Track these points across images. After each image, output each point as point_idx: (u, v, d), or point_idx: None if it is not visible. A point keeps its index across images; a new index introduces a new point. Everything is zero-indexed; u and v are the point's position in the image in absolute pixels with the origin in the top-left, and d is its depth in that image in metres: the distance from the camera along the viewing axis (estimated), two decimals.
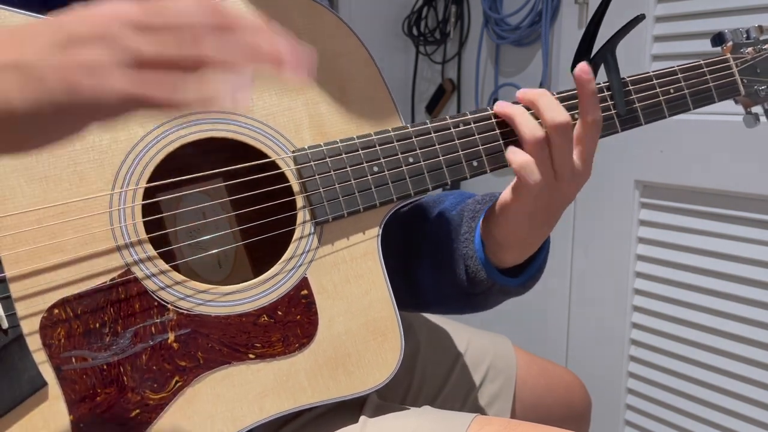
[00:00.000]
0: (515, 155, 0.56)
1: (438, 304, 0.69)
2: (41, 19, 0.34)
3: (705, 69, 0.67)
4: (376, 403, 0.59)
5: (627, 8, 0.83)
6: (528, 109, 0.58)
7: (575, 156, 0.58)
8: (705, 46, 1.18)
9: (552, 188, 0.57)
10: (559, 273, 1.51)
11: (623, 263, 1.36)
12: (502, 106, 0.58)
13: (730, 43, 0.70)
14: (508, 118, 0.58)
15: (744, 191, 1.17)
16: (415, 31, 1.82)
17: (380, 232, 0.56)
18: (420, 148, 0.57)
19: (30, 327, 0.44)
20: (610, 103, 0.63)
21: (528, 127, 0.56)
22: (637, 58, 1.27)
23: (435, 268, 0.65)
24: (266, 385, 0.51)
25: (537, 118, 0.57)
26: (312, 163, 0.54)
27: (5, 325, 0.43)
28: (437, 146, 0.58)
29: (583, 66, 0.57)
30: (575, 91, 0.59)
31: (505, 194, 0.59)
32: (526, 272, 0.64)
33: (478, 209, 0.63)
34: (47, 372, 0.44)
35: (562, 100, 0.60)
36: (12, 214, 0.45)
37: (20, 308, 0.44)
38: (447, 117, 0.59)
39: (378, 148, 0.56)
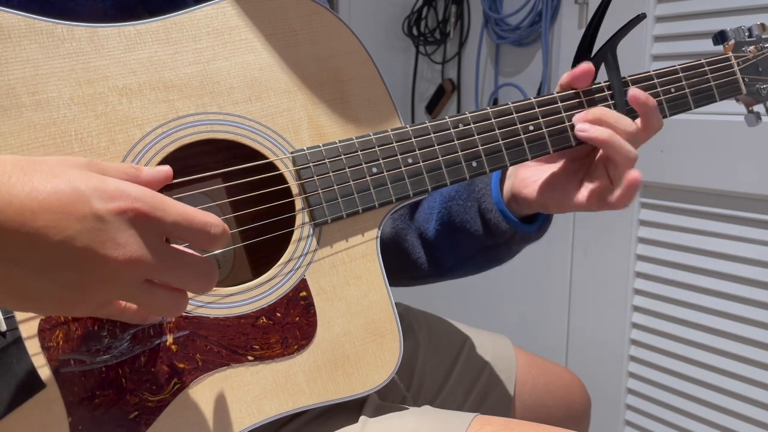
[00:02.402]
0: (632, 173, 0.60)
1: (459, 268, 0.71)
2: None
3: (706, 68, 0.67)
4: (376, 403, 0.59)
5: (627, 8, 0.83)
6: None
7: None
8: (705, 46, 1.18)
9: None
10: (559, 273, 1.51)
11: (623, 263, 1.36)
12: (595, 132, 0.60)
13: (731, 42, 0.70)
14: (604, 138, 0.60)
15: (744, 191, 1.17)
16: (415, 31, 1.82)
17: (379, 234, 0.56)
18: (419, 149, 0.57)
19: (28, 330, 0.44)
20: (610, 102, 0.63)
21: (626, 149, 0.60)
22: (637, 58, 1.27)
23: (452, 230, 0.68)
24: (265, 386, 0.50)
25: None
26: (311, 164, 0.53)
27: (3, 328, 0.43)
28: (436, 147, 0.57)
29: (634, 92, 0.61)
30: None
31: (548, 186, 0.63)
32: (539, 218, 0.67)
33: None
34: (46, 375, 0.44)
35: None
36: None
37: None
38: (446, 117, 0.58)
39: (377, 148, 0.56)
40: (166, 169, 0.44)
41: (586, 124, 0.60)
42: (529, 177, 0.64)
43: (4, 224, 0.34)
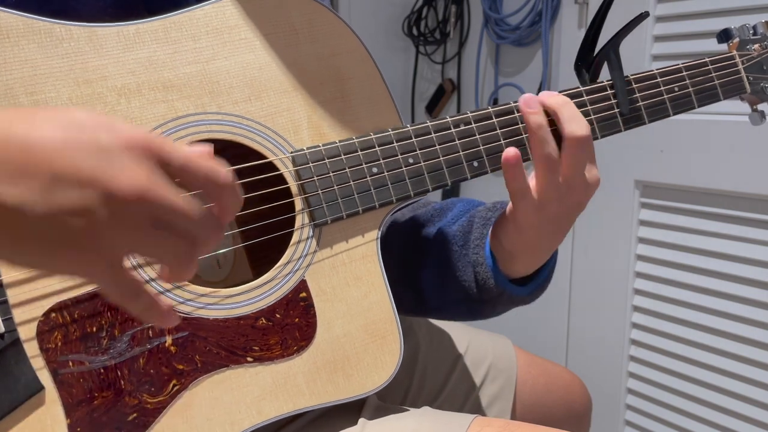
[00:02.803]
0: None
1: (442, 310, 0.69)
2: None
3: (710, 66, 0.67)
4: (375, 405, 0.59)
5: (628, 8, 0.83)
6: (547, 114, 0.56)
7: (587, 169, 0.57)
8: (705, 45, 1.18)
9: (561, 200, 0.56)
10: (559, 273, 1.50)
11: (623, 263, 1.36)
12: (530, 106, 0.56)
13: (736, 40, 0.69)
14: (532, 124, 0.55)
15: (744, 191, 1.17)
16: (415, 31, 1.82)
17: (379, 234, 0.56)
18: (420, 149, 0.57)
19: (27, 331, 0.44)
20: (613, 101, 0.63)
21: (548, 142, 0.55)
22: (637, 58, 1.26)
23: (442, 273, 0.65)
24: (264, 388, 0.50)
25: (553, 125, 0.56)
26: (311, 164, 0.53)
27: (2, 329, 0.43)
28: (437, 146, 0.57)
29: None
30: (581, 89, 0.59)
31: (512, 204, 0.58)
32: (533, 281, 0.63)
33: (489, 216, 0.63)
34: (44, 376, 0.44)
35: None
36: None
37: (17, 313, 0.44)
38: (447, 117, 0.58)
39: (377, 148, 0.55)
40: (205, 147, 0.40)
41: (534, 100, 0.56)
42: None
43: (5, 160, 0.32)
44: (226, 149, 0.52)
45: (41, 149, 0.32)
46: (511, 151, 0.55)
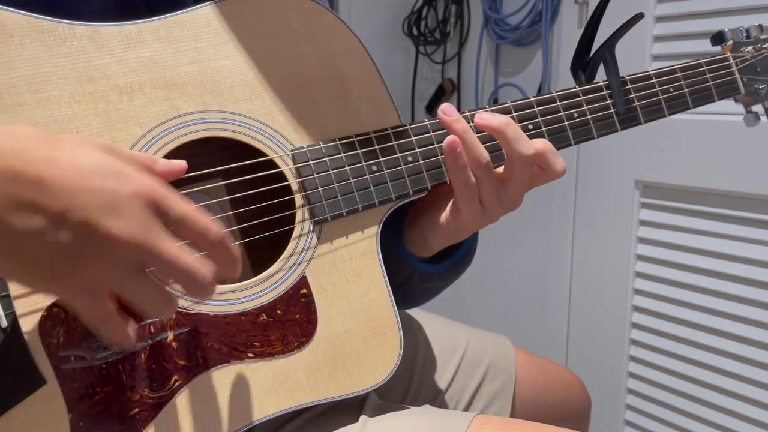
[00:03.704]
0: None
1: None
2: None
3: (705, 68, 0.67)
4: (376, 403, 0.59)
5: (626, 8, 0.83)
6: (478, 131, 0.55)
7: (513, 189, 0.56)
8: (705, 46, 1.18)
9: (485, 216, 0.56)
10: (559, 273, 1.51)
11: (623, 263, 1.36)
12: (450, 122, 0.53)
13: (730, 42, 0.70)
14: (459, 137, 0.53)
15: (744, 191, 1.17)
16: (415, 31, 1.82)
17: (379, 231, 0.56)
18: (419, 147, 0.57)
19: (29, 326, 0.44)
20: (609, 102, 0.63)
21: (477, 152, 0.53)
22: (637, 58, 1.27)
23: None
24: (265, 384, 0.51)
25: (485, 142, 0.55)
26: (311, 162, 0.54)
27: (4, 323, 0.43)
28: (436, 145, 0.58)
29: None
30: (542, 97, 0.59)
31: (427, 208, 0.59)
32: (452, 257, 0.63)
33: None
34: (46, 370, 0.44)
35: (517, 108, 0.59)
36: None
37: (19, 307, 0.44)
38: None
39: (377, 147, 0.56)
40: (181, 162, 0.45)
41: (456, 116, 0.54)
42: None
43: (18, 187, 0.35)
44: (227, 147, 0.53)
45: (52, 191, 0.35)
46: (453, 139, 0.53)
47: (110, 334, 0.40)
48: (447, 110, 0.54)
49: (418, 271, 0.62)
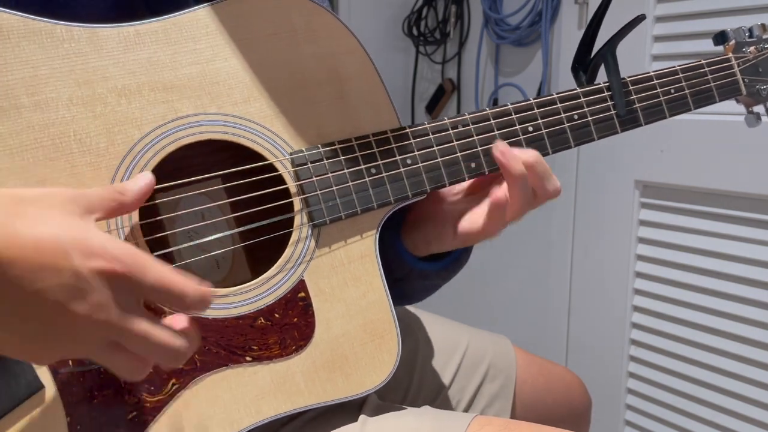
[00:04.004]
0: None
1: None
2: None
3: (706, 69, 0.67)
4: (375, 403, 0.59)
5: (627, 8, 0.83)
6: None
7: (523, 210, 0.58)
8: (705, 46, 1.18)
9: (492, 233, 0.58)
10: (559, 273, 1.51)
11: (623, 263, 1.36)
12: (507, 157, 0.55)
13: (732, 42, 0.69)
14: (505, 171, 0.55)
15: (744, 191, 1.17)
16: (415, 31, 1.82)
17: (378, 235, 0.56)
18: (418, 150, 0.57)
19: None
20: (610, 103, 0.63)
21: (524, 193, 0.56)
22: (637, 59, 1.26)
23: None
24: (263, 387, 0.51)
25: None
26: (309, 165, 0.54)
27: None
28: (435, 148, 0.57)
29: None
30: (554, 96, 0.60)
31: (431, 220, 0.60)
32: (450, 256, 0.64)
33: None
34: (44, 375, 0.44)
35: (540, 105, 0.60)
36: None
37: None
38: (445, 118, 0.58)
39: (376, 150, 0.56)
40: (148, 178, 0.44)
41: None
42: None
43: None
44: (226, 150, 0.53)
45: (11, 277, 0.34)
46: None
47: (122, 376, 0.41)
48: (507, 153, 0.55)
49: (417, 268, 0.62)
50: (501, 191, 0.56)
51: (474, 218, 0.58)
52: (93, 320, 0.35)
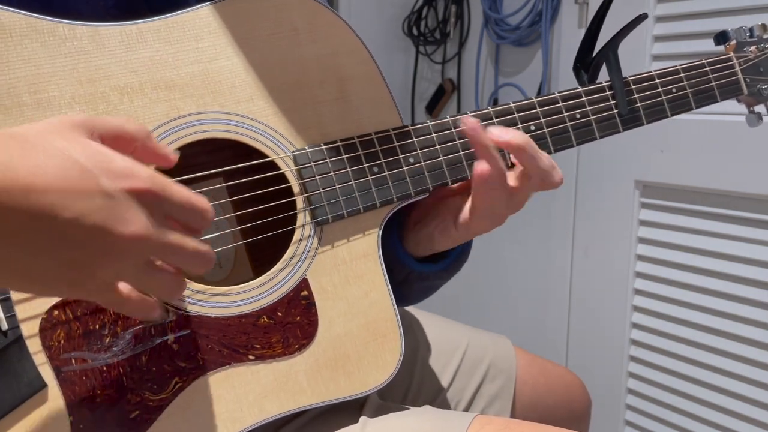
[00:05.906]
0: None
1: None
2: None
3: (708, 68, 0.67)
4: (376, 403, 0.59)
5: (628, 8, 0.83)
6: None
7: (523, 196, 0.57)
8: (705, 46, 1.18)
9: (496, 221, 0.57)
10: (559, 273, 1.51)
11: (623, 263, 1.36)
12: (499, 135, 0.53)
13: (733, 42, 0.70)
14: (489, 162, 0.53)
15: (744, 191, 1.17)
16: (415, 31, 1.82)
17: (380, 233, 0.56)
18: (420, 148, 0.57)
19: (30, 329, 0.44)
20: (612, 102, 0.63)
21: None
22: (637, 58, 1.27)
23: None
24: (266, 386, 0.50)
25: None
26: (312, 163, 0.53)
27: (5, 326, 0.43)
28: (438, 146, 0.57)
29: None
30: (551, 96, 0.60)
31: (435, 213, 0.59)
32: (449, 257, 0.63)
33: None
34: (47, 373, 0.44)
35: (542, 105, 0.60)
36: None
37: (20, 310, 0.44)
38: (447, 117, 0.58)
39: (378, 148, 0.56)
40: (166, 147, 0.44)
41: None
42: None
43: (10, 203, 0.32)
44: (227, 149, 0.53)
45: (45, 206, 0.33)
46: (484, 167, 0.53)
47: (133, 314, 0.40)
48: (470, 123, 0.53)
49: (416, 270, 0.62)
50: (481, 164, 0.54)
51: (469, 205, 0.58)
52: (134, 238, 0.35)
